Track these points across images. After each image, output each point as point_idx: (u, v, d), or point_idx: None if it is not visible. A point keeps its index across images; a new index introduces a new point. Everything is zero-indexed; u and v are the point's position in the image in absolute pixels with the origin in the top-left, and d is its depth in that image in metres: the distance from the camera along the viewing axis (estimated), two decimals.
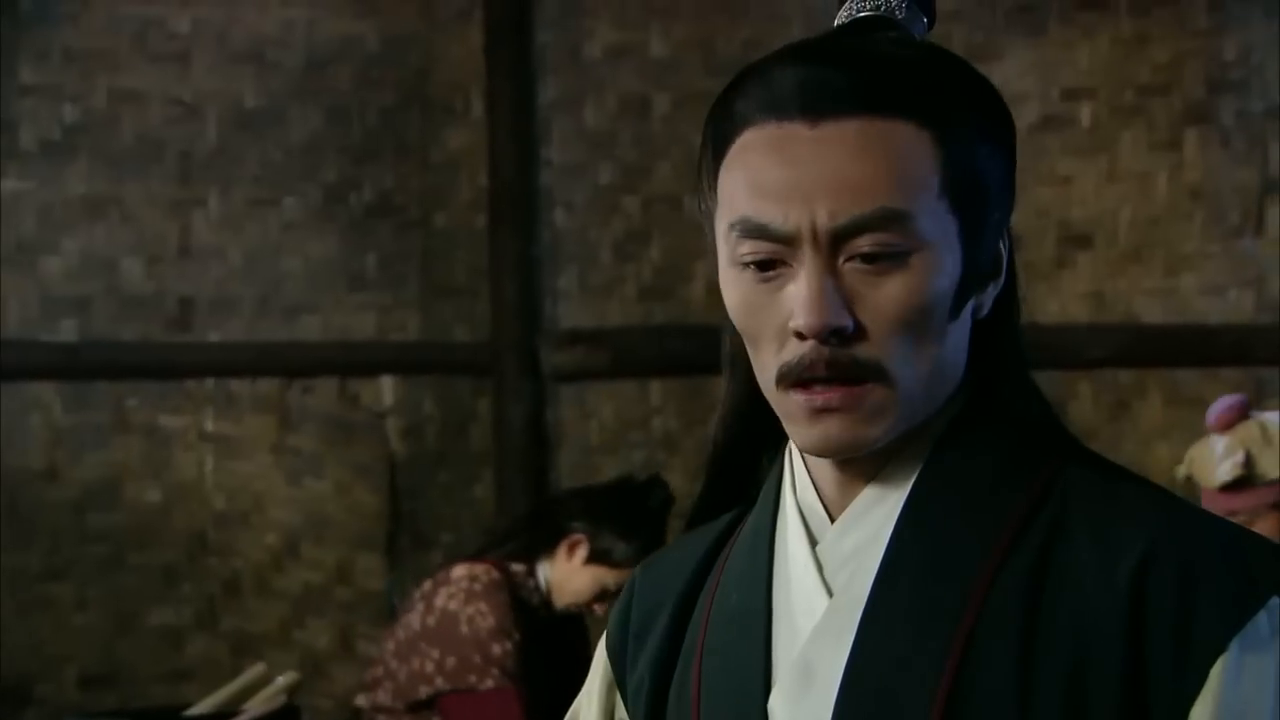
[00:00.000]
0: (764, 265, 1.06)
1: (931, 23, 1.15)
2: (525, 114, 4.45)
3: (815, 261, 1.04)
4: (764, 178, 1.05)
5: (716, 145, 1.09)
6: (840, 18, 1.13)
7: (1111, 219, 4.29)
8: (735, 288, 1.08)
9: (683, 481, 4.47)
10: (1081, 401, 4.27)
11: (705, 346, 4.47)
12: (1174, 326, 4.24)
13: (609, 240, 4.47)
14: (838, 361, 1.04)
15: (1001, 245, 1.12)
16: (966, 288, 1.08)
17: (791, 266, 1.05)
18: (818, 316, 1.03)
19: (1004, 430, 1.10)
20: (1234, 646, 0.99)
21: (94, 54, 4.41)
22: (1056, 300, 4.28)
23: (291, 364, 4.50)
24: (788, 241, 1.05)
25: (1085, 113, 4.31)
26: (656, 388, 4.44)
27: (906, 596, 1.06)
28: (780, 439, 1.14)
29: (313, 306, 4.52)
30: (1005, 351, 1.12)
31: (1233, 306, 4.23)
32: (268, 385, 4.50)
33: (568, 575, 2.97)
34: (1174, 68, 4.28)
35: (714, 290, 3.84)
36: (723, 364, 1.18)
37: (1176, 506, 1.07)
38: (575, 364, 4.42)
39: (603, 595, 2.94)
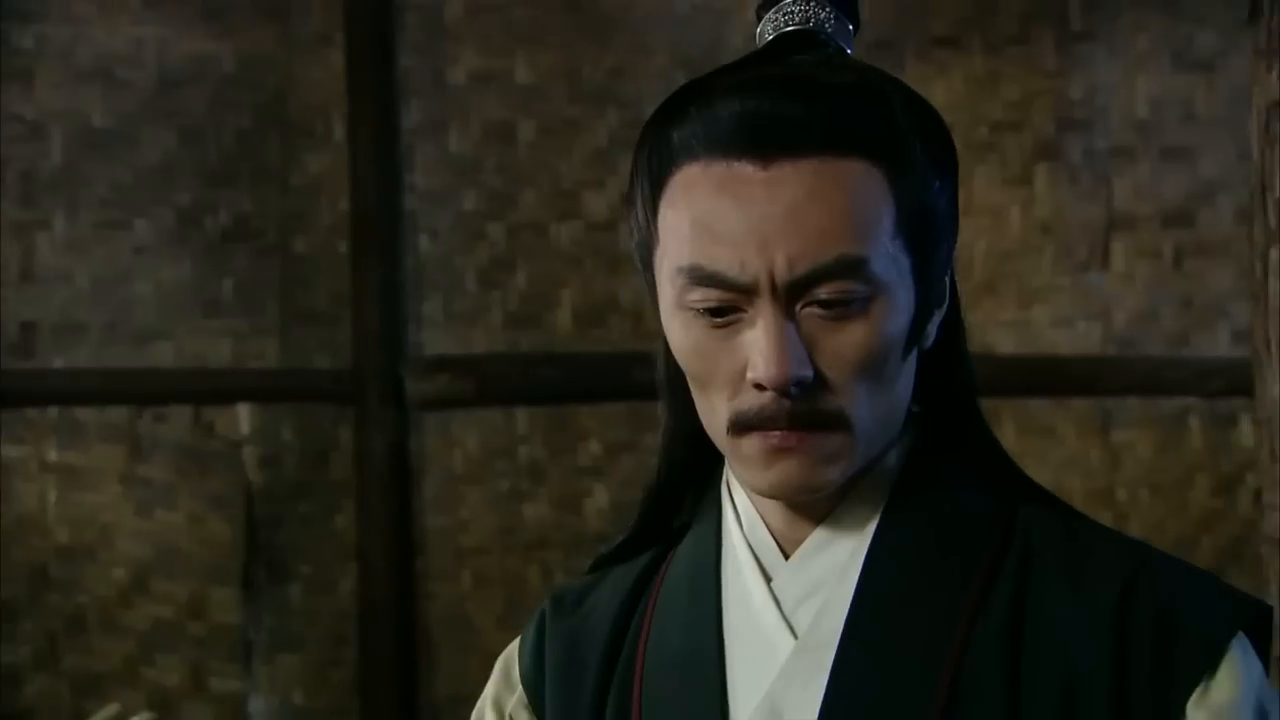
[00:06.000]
0: (717, 312, 0.96)
1: (857, 29, 1.04)
2: (388, 139, 4.05)
3: (774, 311, 0.95)
4: (714, 221, 0.95)
5: (654, 176, 0.98)
6: (765, 31, 1.02)
7: (967, 252, 4.07)
8: (685, 332, 0.98)
9: (550, 511, 4.11)
10: None
11: (572, 374, 4.14)
12: (1027, 357, 4.04)
13: (474, 267, 4.09)
14: (799, 412, 0.96)
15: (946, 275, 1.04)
16: (920, 324, 1.00)
17: (746, 312, 0.96)
18: (780, 369, 0.94)
19: (961, 466, 1.03)
20: (1201, 687, 0.95)
21: None
22: None
23: (142, 392, 4.03)
24: (744, 290, 0.95)
25: None
26: (523, 416, 4.07)
27: (883, 639, 0.97)
28: (709, 474, 1.07)
29: (166, 333, 4.04)
30: (954, 380, 1.04)
31: (1082, 338, 4.05)
32: (117, 414, 4.02)
33: None
34: (1024, 105, 4.09)
35: (580, 318, 3.41)
36: (659, 392, 1.07)
37: (1140, 547, 1.02)
38: (439, 392, 4.04)
39: None
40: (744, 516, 1.04)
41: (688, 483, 1.08)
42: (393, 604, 4.01)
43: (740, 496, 1.05)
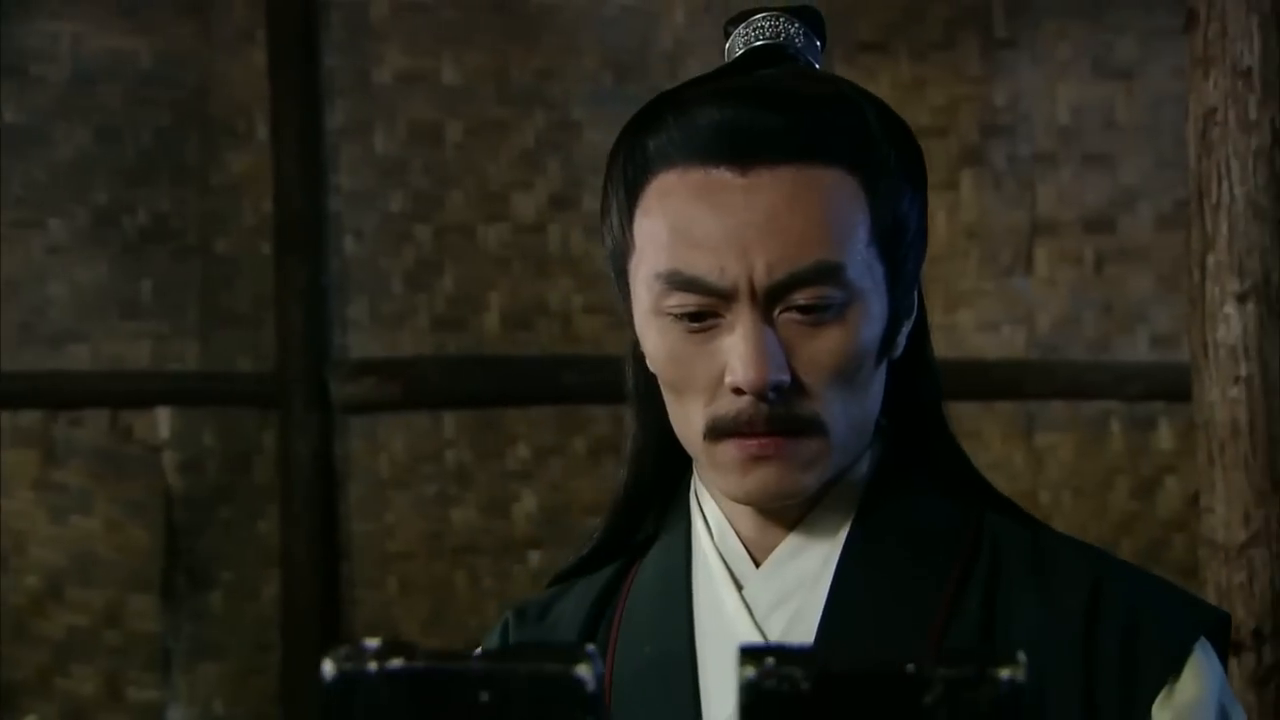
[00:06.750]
0: (695, 317, 0.97)
1: (824, 45, 1.07)
2: (312, 138, 3.96)
3: (753, 316, 0.96)
4: (693, 227, 0.96)
5: (630, 184, 0.99)
6: (735, 45, 1.04)
7: None
8: (661, 337, 0.99)
9: (477, 515, 4.04)
10: None
11: (500, 377, 4.07)
12: (953, 361, 4.03)
13: (400, 269, 4.01)
14: (776, 416, 0.97)
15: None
16: (891, 333, 1.01)
17: (724, 317, 0.97)
18: (759, 373, 0.95)
19: (929, 475, 1.05)
20: (1166, 688, 0.98)
21: None
22: None
23: (57, 395, 3.91)
24: (723, 295, 0.96)
25: None
26: (449, 420, 4.00)
27: (856, 647, 0.96)
28: (675, 486, 1.07)
29: (81, 335, 3.92)
30: (920, 390, 1.06)
31: (1006, 342, 4.06)
32: (30, 417, 3.89)
33: None
34: (950, 111, 4.09)
35: (508, 321, 3.33)
36: (628, 403, 1.07)
37: (1103, 555, 1.05)
38: (365, 395, 3.95)
39: None
40: (714, 525, 1.05)
41: (655, 495, 1.08)
42: (317, 610, 3.92)
43: (709, 505, 1.05)
